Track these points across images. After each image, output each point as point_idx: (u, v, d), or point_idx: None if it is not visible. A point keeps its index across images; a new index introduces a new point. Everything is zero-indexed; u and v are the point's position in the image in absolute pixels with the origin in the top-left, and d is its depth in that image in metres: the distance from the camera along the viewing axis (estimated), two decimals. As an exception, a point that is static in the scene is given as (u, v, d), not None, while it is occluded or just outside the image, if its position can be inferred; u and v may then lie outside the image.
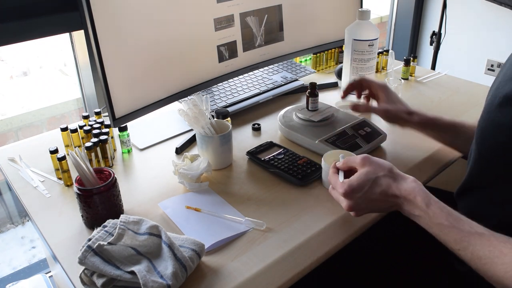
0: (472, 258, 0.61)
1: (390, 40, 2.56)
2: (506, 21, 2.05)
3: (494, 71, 2.18)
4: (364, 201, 0.71)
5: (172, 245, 0.66)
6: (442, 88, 1.33)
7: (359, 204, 0.71)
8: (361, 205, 0.71)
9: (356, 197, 0.70)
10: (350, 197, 0.71)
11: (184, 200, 0.85)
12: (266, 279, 0.68)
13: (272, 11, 1.21)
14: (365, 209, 0.72)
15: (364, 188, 0.70)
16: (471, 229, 0.62)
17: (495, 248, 0.59)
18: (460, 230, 0.63)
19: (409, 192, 0.68)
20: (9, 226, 2.03)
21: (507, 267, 0.56)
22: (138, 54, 0.95)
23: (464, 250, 0.62)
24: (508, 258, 0.57)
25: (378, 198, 0.70)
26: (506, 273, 0.56)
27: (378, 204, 0.71)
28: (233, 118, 1.14)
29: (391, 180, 0.70)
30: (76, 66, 1.38)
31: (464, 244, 0.62)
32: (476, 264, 0.60)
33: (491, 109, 0.68)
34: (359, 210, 0.72)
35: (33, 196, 0.89)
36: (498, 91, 0.68)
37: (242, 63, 1.19)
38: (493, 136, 0.68)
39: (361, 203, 0.71)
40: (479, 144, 0.72)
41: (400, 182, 0.69)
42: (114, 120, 0.94)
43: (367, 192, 0.70)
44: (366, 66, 1.19)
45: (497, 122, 0.67)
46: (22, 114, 1.90)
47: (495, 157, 0.68)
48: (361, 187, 0.70)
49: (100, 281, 0.63)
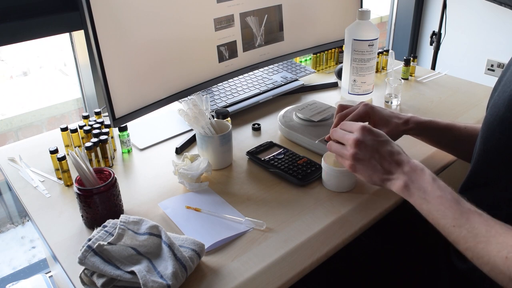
0: (466, 235, 0.60)
1: (390, 40, 2.56)
2: (506, 21, 2.05)
3: (494, 71, 2.18)
4: (370, 151, 0.71)
5: (172, 245, 0.66)
6: (442, 88, 1.33)
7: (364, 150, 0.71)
8: (365, 154, 0.71)
9: (367, 140, 0.71)
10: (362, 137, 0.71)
11: (184, 200, 0.85)
12: (266, 279, 0.68)
13: (272, 11, 1.21)
14: (366, 161, 0.72)
15: (379, 137, 0.72)
16: (471, 207, 0.62)
17: (492, 228, 0.59)
18: (461, 206, 0.63)
19: (417, 164, 0.69)
20: (9, 226, 2.03)
21: (501, 247, 0.56)
22: (138, 54, 0.95)
23: (460, 227, 0.61)
24: (503, 238, 0.57)
25: (385, 155, 0.71)
26: (498, 252, 0.56)
27: (381, 162, 0.71)
28: (233, 118, 1.14)
29: (402, 151, 0.72)
30: (76, 66, 1.38)
31: (462, 220, 0.61)
32: (469, 242, 0.60)
33: (498, 105, 0.68)
34: (359, 160, 0.72)
35: (33, 196, 0.89)
36: (506, 87, 0.68)
37: (242, 63, 1.19)
38: (499, 132, 0.67)
39: (366, 152, 0.71)
40: (485, 139, 0.71)
41: (409, 158, 0.71)
42: (114, 120, 0.94)
43: (379, 143, 0.71)
44: (366, 66, 1.19)
45: (504, 118, 0.66)
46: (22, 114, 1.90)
47: (500, 153, 0.68)
48: (377, 134, 0.72)
49: (100, 281, 0.63)
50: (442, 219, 0.63)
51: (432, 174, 0.68)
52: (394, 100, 1.22)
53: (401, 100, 1.24)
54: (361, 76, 1.20)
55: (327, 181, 0.87)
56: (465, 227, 0.61)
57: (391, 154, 0.71)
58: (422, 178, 0.67)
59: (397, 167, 0.70)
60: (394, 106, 1.22)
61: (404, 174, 0.69)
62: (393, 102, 1.22)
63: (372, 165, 0.72)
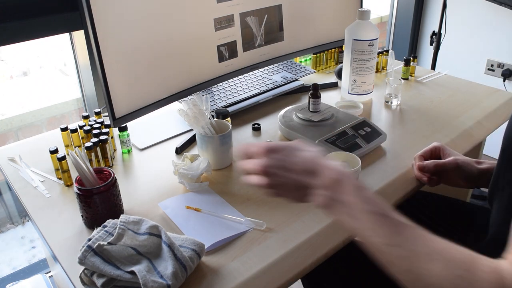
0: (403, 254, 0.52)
1: (390, 40, 2.56)
2: (506, 21, 2.05)
3: (494, 71, 2.18)
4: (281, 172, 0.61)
5: (172, 245, 0.66)
6: (442, 88, 1.33)
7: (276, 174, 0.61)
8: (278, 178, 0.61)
9: (273, 161, 0.61)
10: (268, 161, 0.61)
11: (184, 200, 0.85)
12: (266, 279, 0.68)
13: (272, 11, 1.21)
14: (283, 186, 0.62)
15: (284, 151, 0.62)
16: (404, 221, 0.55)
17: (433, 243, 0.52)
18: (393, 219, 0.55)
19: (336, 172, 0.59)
20: (9, 226, 2.03)
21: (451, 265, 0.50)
22: (138, 54, 0.95)
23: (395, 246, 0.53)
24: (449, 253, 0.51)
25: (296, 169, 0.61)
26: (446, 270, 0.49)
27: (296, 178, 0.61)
28: (233, 118, 1.14)
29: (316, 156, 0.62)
30: (76, 66, 1.38)
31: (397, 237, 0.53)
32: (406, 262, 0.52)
33: None
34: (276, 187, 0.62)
35: (33, 196, 0.89)
36: None
37: (242, 63, 1.19)
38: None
39: (278, 176, 0.61)
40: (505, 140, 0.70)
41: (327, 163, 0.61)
42: (114, 120, 0.94)
43: (286, 158, 0.61)
44: (366, 66, 1.19)
45: None
46: (22, 114, 1.90)
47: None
48: (282, 148, 0.62)
49: (100, 281, 0.63)
50: (373, 238, 0.55)
51: (356, 182, 0.59)
52: (394, 100, 1.22)
53: (401, 100, 1.24)
54: (361, 76, 1.20)
55: None
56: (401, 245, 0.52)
57: (306, 169, 0.61)
58: (345, 191, 0.58)
59: (315, 180, 0.60)
60: (394, 106, 1.22)
61: (324, 188, 0.59)
62: (393, 102, 1.22)
63: (286, 187, 0.62)
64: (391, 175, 0.92)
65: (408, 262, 0.52)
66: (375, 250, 0.55)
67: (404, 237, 0.53)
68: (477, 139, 1.08)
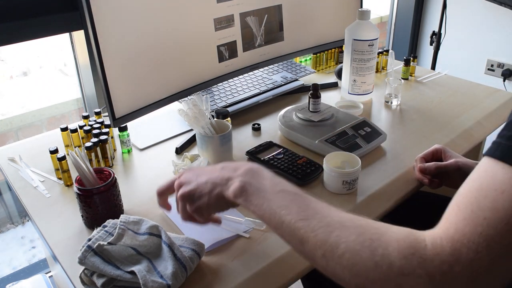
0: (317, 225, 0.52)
1: (390, 40, 2.56)
2: (506, 21, 2.05)
3: (494, 71, 2.18)
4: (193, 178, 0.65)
5: (172, 245, 0.66)
6: (442, 88, 1.33)
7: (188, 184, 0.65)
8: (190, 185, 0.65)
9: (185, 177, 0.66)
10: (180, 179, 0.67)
11: (184, 200, 0.85)
12: (266, 279, 0.68)
13: (272, 11, 1.21)
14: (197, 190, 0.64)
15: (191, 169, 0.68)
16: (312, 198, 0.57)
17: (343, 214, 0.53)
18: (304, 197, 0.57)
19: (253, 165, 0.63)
20: (9, 226, 2.03)
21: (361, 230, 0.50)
22: (138, 54, 0.95)
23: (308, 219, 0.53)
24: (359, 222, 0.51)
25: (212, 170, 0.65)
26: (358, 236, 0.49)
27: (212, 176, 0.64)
28: (233, 118, 1.14)
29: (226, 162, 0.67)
30: (76, 66, 1.38)
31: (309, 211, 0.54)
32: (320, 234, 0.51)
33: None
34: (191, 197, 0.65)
35: (33, 196, 0.89)
36: None
37: (242, 63, 1.19)
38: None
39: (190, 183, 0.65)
40: None
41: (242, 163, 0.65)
42: (114, 120, 0.94)
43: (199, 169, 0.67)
44: (366, 66, 1.19)
45: None
46: (22, 114, 1.90)
47: None
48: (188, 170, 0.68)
49: (100, 281, 0.63)
50: (286, 216, 0.55)
51: (270, 172, 0.62)
52: (394, 100, 1.22)
53: (401, 100, 1.24)
54: (361, 76, 1.20)
55: (329, 183, 0.87)
56: (314, 217, 0.53)
57: (218, 167, 0.65)
58: (260, 177, 0.60)
59: (230, 172, 0.62)
60: (394, 106, 1.22)
61: (240, 175, 0.61)
62: (393, 102, 1.22)
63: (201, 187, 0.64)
64: (391, 175, 0.92)
65: (321, 233, 0.51)
66: (289, 229, 0.55)
67: (316, 210, 0.54)
68: (477, 139, 1.08)
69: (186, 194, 0.65)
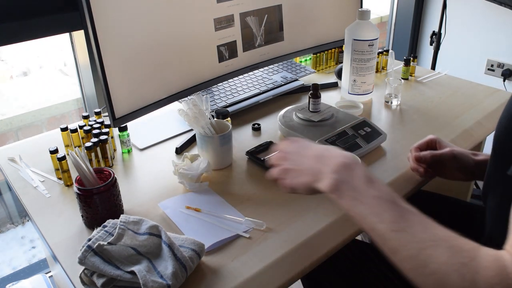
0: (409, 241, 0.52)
1: (390, 40, 2.56)
2: (506, 21, 2.05)
3: (494, 71, 2.18)
4: (294, 157, 0.66)
5: (172, 245, 0.66)
6: (442, 88, 1.33)
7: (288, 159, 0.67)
8: (290, 162, 0.66)
9: (289, 150, 0.67)
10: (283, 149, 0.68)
11: (184, 200, 0.85)
12: (266, 279, 0.68)
13: (272, 11, 1.21)
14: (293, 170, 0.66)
15: (302, 142, 0.68)
16: (410, 208, 0.56)
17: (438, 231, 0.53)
18: (399, 206, 0.56)
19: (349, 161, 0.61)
20: (9, 226, 2.03)
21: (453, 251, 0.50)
22: (138, 54, 0.95)
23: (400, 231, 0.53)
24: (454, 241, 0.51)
25: (309, 156, 0.65)
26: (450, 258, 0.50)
27: (307, 163, 0.64)
28: (233, 118, 1.14)
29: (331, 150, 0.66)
30: (76, 66, 1.38)
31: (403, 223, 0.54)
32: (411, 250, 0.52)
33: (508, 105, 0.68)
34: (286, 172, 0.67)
35: (33, 196, 0.89)
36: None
37: (242, 63, 1.19)
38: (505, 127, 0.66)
39: (290, 161, 0.66)
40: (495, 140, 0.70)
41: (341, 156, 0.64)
42: (114, 120, 0.94)
43: (302, 148, 0.67)
44: (366, 66, 1.19)
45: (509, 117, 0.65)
46: (22, 114, 1.90)
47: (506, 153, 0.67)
48: (300, 141, 0.69)
49: (100, 281, 0.63)
50: (378, 224, 0.55)
51: (367, 170, 0.61)
52: (394, 100, 1.22)
53: (401, 100, 1.24)
54: (361, 76, 1.20)
55: None
56: (406, 230, 0.53)
57: (318, 155, 0.65)
58: (354, 176, 0.59)
59: (326, 165, 0.62)
60: (394, 106, 1.22)
61: (334, 172, 0.60)
62: (393, 102, 1.22)
63: (299, 171, 0.65)
64: (391, 175, 0.92)
65: (412, 248, 0.51)
66: (380, 237, 0.55)
67: (409, 223, 0.53)
68: (477, 139, 1.08)
69: (282, 170, 0.67)
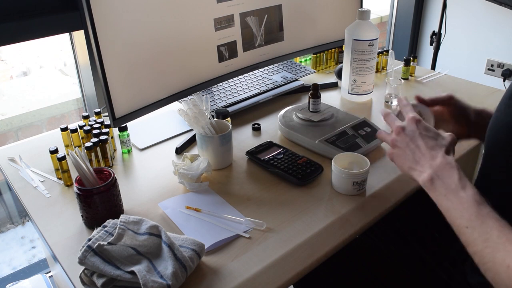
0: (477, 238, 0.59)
1: (390, 40, 2.56)
2: (506, 21, 2.05)
3: (494, 71, 2.18)
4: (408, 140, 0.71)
5: (172, 245, 0.66)
6: (442, 88, 1.33)
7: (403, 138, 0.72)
8: (402, 142, 0.72)
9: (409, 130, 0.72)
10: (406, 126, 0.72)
11: (184, 200, 0.85)
12: (266, 279, 0.68)
13: (272, 11, 1.21)
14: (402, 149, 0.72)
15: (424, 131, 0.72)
16: (490, 212, 0.60)
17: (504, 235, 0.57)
18: (480, 209, 0.61)
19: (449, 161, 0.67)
20: (9, 226, 2.03)
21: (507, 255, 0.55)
22: (138, 54, 0.95)
23: (472, 229, 0.60)
24: None
25: (420, 147, 0.70)
26: (503, 260, 0.55)
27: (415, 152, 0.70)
28: (233, 118, 1.14)
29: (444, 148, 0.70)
30: (76, 66, 1.38)
31: (476, 222, 0.60)
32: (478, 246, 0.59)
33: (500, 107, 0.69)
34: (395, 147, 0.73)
35: (33, 196, 0.89)
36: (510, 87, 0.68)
37: (242, 63, 1.19)
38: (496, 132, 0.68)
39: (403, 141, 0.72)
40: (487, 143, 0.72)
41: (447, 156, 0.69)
42: (114, 120, 0.94)
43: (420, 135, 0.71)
44: (366, 66, 1.19)
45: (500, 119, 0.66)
46: (22, 114, 1.90)
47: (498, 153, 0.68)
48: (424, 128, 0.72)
49: (100, 281, 0.63)
50: (458, 219, 0.62)
51: (461, 173, 0.66)
52: (394, 100, 1.22)
53: (401, 100, 1.24)
54: (361, 76, 1.20)
55: (338, 184, 0.86)
56: (477, 230, 0.59)
57: (428, 148, 0.69)
58: (449, 175, 0.65)
59: (428, 160, 0.68)
60: (394, 106, 1.22)
61: (432, 167, 0.67)
62: (393, 102, 1.22)
63: (405, 154, 0.72)
64: (391, 175, 0.92)
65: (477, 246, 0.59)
66: (456, 230, 0.63)
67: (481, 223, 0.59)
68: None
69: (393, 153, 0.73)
